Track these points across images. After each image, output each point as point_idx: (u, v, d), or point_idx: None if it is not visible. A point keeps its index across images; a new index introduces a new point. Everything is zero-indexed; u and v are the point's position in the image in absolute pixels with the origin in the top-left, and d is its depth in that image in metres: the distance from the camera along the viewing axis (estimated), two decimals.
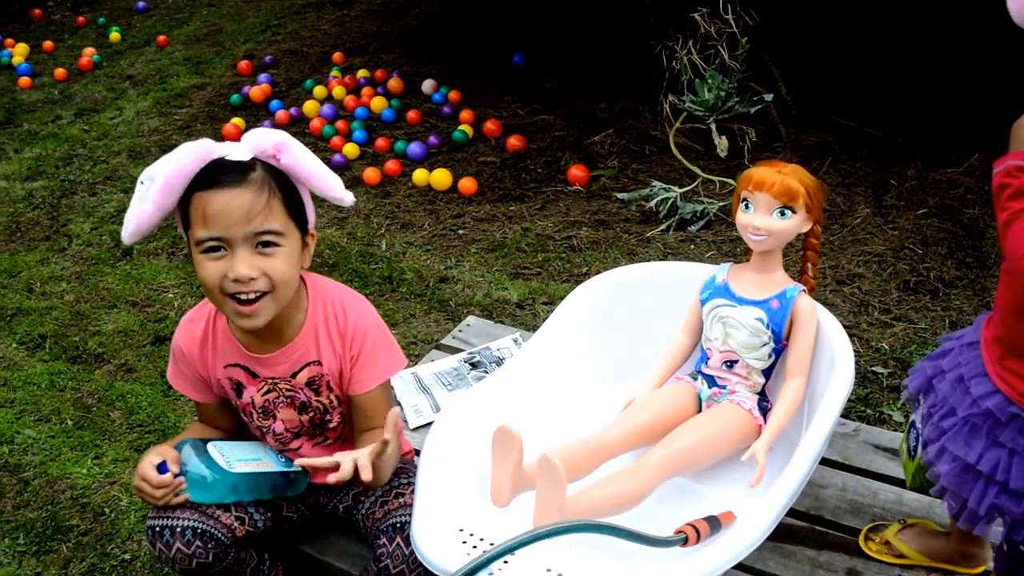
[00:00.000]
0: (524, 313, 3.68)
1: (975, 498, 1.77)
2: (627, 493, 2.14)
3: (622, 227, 4.28)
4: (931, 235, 3.98)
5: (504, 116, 5.47)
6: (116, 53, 7.24)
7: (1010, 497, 1.72)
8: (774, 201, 2.27)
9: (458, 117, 5.53)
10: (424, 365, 2.96)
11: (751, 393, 2.39)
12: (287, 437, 2.10)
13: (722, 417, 2.34)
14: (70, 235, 4.61)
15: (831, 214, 4.22)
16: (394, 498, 2.10)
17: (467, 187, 4.70)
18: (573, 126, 5.28)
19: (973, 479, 1.77)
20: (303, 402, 2.04)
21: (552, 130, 5.28)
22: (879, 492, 2.41)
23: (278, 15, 7.73)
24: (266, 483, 2.05)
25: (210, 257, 1.78)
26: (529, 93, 5.74)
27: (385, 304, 3.81)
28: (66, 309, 3.97)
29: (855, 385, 3.13)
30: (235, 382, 2.03)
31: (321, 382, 2.03)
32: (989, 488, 1.74)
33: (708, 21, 4.38)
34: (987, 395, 1.73)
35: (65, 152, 5.57)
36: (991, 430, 1.73)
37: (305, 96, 5.98)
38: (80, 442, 3.17)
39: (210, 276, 1.78)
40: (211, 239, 1.77)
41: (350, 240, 4.34)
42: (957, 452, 1.78)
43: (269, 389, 2.03)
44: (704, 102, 4.39)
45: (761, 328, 2.33)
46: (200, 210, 1.76)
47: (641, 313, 2.66)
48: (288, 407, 2.05)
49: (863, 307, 3.58)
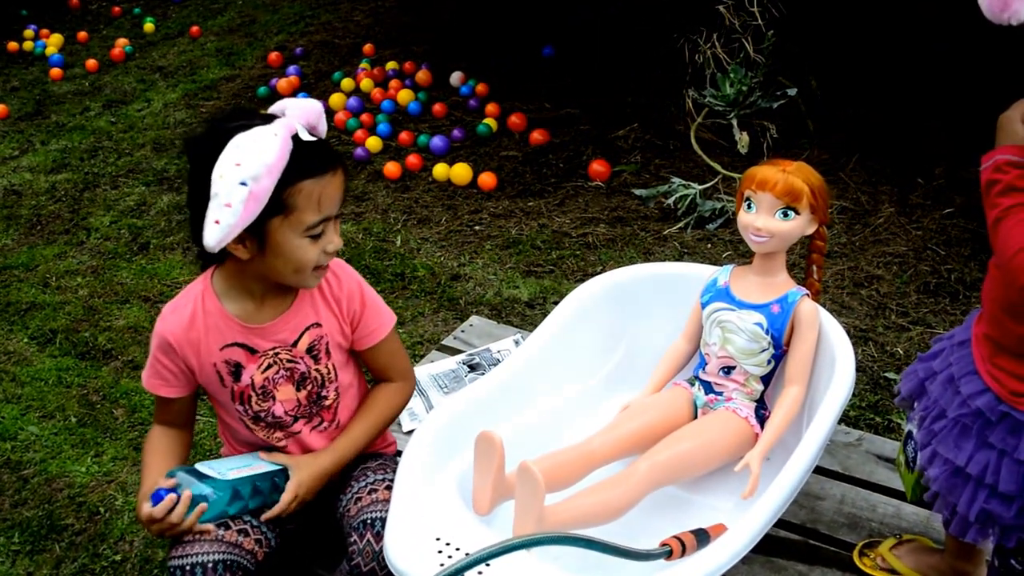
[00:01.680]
0: (534, 312, 3.63)
1: (965, 502, 1.73)
2: (611, 503, 2.09)
3: (640, 224, 4.22)
4: (955, 235, 3.88)
5: (530, 110, 5.41)
6: (149, 44, 7.25)
7: (1000, 501, 1.67)
8: (777, 201, 2.20)
9: (484, 110, 5.47)
10: (423, 367, 2.91)
11: (748, 400, 2.32)
12: (287, 421, 2.08)
13: (716, 425, 2.27)
14: (89, 228, 4.61)
15: (854, 213, 4.13)
16: (368, 494, 2.07)
17: (487, 182, 4.65)
18: (598, 120, 5.21)
19: (963, 483, 1.73)
20: (302, 373, 2.04)
21: (577, 124, 5.21)
22: (878, 505, 2.34)
23: (312, 5, 7.70)
24: (264, 485, 2.02)
25: (314, 239, 1.88)
26: (558, 86, 5.67)
27: (395, 302, 3.78)
28: (79, 304, 3.98)
29: (866, 392, 3.06)
30: (232, 364, 2.01)
31: (320, 345, 2.05)
32: (979, 492, 1.70)
33: (733, 14, 4.31)
34: (977, 394, 1.69)
35: (91, 144, 5.58)
36: (981, 431, 1.69)
37: (333, 88, 5.95)
38: (82, 439, 3.16)
39: (312, 257, 1.89)
40: (322, 221, 1.87)
41: (365, 236, 4.31)
42: (947, 455, 1.74)
43: (270, 364, 2.02)
44: (725, 97, 4.31)
45: (760, 333, 2.27)
46: (314, 196, 1.84)
47: (642, 315, 2.59)
48: (287, 383, 2.04)
49: (880, 310, 3.49)
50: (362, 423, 2.16)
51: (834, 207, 4.18)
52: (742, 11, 4.28)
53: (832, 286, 3.65)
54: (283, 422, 2.08)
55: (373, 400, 2.19)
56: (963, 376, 1.74)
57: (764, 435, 2.20)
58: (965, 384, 1.72)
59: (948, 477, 1.75)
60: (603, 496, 2.09)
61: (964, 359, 1.76)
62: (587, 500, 2.08)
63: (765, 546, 2.20)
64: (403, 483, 2.01)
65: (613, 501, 2.09)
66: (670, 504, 2.27)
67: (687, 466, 2.19)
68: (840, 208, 4.17)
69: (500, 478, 2.06)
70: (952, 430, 1.75)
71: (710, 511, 2.22)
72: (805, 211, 2.21)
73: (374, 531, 1.97)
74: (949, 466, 1.75)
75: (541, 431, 2.38)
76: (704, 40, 4.35)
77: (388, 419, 2.20)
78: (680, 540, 1.93)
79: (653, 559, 1.86)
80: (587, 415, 2.45)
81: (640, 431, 2.27)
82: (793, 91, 4.30)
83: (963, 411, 1.72)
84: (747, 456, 2.16)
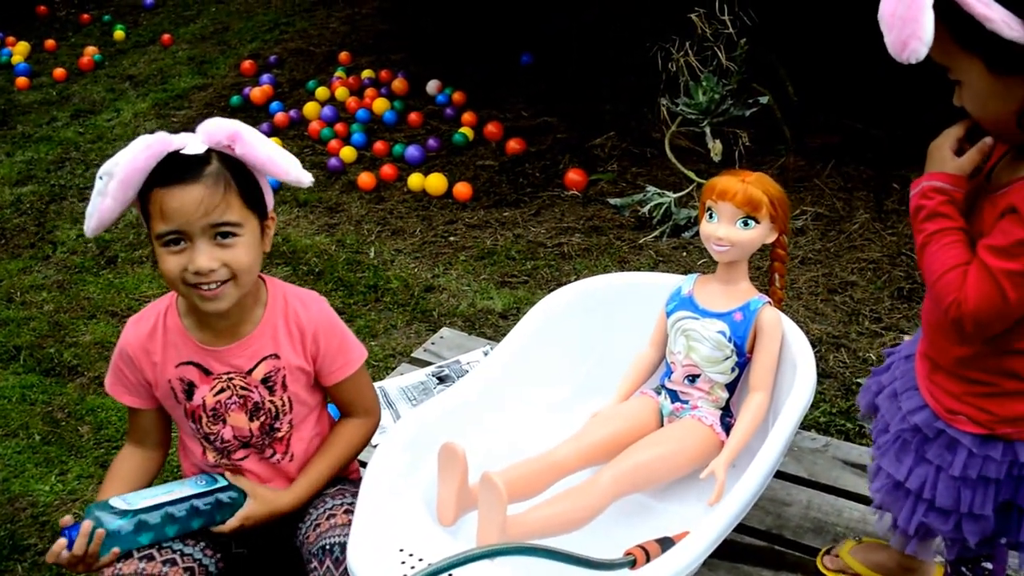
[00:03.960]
0: (507, 323, 3.60)
1: (904, 516, 1.77)
2: (575, 513, 2.09)
3: (615, 233, 4.20)
4: None
5: (507, 118, 5.39)
6: (119, 52, 7.17)
7: (937, 515, 1.71)
8: (737, 211, 2.22)
9: (460, 119, 5.45)
10: (392, 379, 2.89)
11: (714, 408, 2.32)
12: (233, 445, 2.05)
13: (680, 433, 2.27)
14: (55, 242, 4.55)
15: (829, 219, 4.13)
16: (326, 519, 2.04)
17: (462, 192, 4.63)
18: (575, 128, 5.20)
19: (903, 496, 1.77)
20: (256, 403, 2.01)
21: (554, 132, 5.20)
22: (844, 510, 2.34)
23: (287, 12, 7.65)
24: (185, 512, 1.96)
25: (170, 250, 1.83)
26: (535, 94, 5.66)
27: (367, 315, 3.75)
28: (44, 320, 3.92)
29: (837, 398, 3.05)
30: (186, 382, 2.00)
31: (277, 378, 2.02)
32: (918, 505, 1.74)
33: (705, 22, 4.30)
34: (916, 410, 1.74)
35: (58, 155, 5.51)
36: (919, 446, 1.73)
37: (307, 97, 5.90)
38: (46, 458, 3.11)
39: (171, 269, 1.84)
40: (170, 233, 1.82)
41: (339, 248, 4.28)
42: (888, 469, 1.78)
43: (223, 388, 2.00)
44: (698, 105, 4.31)
45: (723, 341, 2.27)
46: (158, 205, 1.81)
47: (610, 325, 2.59)
48: (239, 410, 2.01)
49: (854, 316, 3.48)
50: (321, 463, 2.12)
51: (809, 213, 4.18)
52: (714, 19, 4.27)
53: (806, 292, 3.64)
54: (231, 447, 2.05)
55: (334, 438, 2.16)
56: (905, 391, 1.78)
57: (729, 442, 2.20)
58: (906, 400, 1.77)
59: (889, 491, 1.80)
60: (566, 506, 2.09)
61: (908, 374, 1.80)
62: (551, 510, 2.08)
63: (731, 552, 2.20)
64: (367, 495, 2.00)
65: (577, 511, 2.08)
66: (637, 512, 2.27)
67: (651, 475, 2.20)
68: (815, 214, 4.17)
69: (464, 489, 2.05)
70: (894, 444, 1.79)
71: (676, 518, 2.21)
72: (765, 220, 2.23)
73: (333, 557, 1.94)
74: (890, 480, 1.79)
75: (509, 441, 2.37)
76: (677, 48, 4.35)
77: (348, 457, 2.16)
78: (644, 549, 1.92)
79: (617, 569, 1.84)
80: (556, 424, 2.43)
81: (606, 440, 2.26)
82: (765, 99, 4.30)
83: (903, 426, 1.76)
84: (712, 463, 2.17)
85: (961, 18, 1.39)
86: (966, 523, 1.70)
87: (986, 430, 1.65)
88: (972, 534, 1.70)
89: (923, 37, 1.40)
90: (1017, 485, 1.66)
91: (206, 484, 2.02)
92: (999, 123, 1.52)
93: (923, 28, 1.40)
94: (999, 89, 1.46)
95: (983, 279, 1.49)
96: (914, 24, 1.40)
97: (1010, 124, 1.48)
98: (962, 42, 1.45)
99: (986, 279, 1.49)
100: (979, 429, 1.65)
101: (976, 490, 1.67)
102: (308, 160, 5.12)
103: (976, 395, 1.65)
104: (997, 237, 1.49)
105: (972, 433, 1.66)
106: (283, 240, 4.36)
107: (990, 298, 1.49)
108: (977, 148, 1.59)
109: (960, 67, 1.49)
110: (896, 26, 1.43)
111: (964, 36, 1.43)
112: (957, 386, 1.67)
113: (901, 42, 1.43)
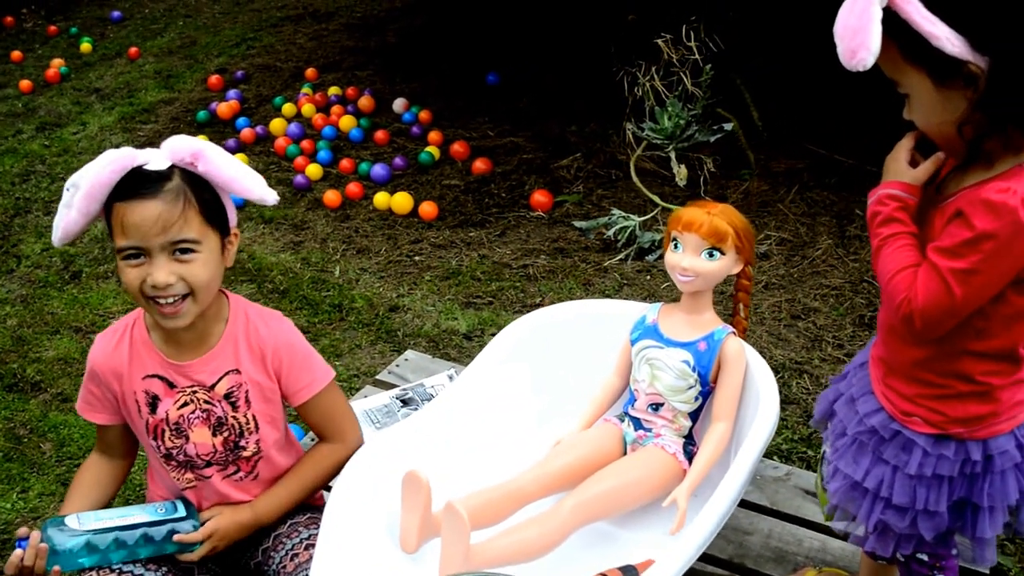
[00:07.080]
0: (471, 344, 3.61)
1: (863, 514, 1.84)
2: (536, 541, 2.09)
3: (580, 256, 4.22)
4: None
5: (473, 137, 5.41)
6: (86, 65, 7.13)
7: (895, 512, 1.79)
8: (702, 242, 2.24)
9: (427, 138, 5.45)
10: (356, 402, 2.88)
11: (677, 436, 2.33)
12: (199, 463, 2.05)
13: (643, 462, 2.29)
14: (19, 256, 4.51)
15: (792, 245, 4.17)
16: (304, 550, 2.04)
17: (428, 212, 4.63)
18: (542, 148, 5.22)
19: (861, 495, 1.83)
20: (219, 418, 2.02)
21: (520, 152, 5.21)
22: (804, 539, 2.36)
23: (255, 28, 7.65)
24: (135, 538, 1.95)
25: (130, 264, 1.86)
26: (502, 114, 5.67)
27: (332, 334, 3.74)
28: (7, 334, 3.89)
29: (799, 425, 3.07)
30: (151, 396, 2.01)
31: (240, 393, 2.03)
32: (876, 504, 1.81)
33: (671, 47, 4.34)
34: (872, 412, 1.81)
35: (23, 168, 5.47)
36: (876, 447, 1.81)
37: (274, 113, 5.89)
38: (7, 475, 3.08)
39: (130, 282, 1.87)
40: (130, 248, 1.85)
41: (303, 266, 4.28)
42: (846, 470, 1.85)
43: (187, 401, 2.01)
44: (663, 130, 4.34)
45: (687, 371, 2.28)
46: (119, 220, 1.84)
47: (576, 352, 2.60)
48: (203, 424, 2.02)
49: (816, 342, 3.52)
50: (286, 483, 2.12)
51: (773, 238, 4.21)
52: (680, 45, 4.31)
53: (769, 318, 3.67)
54: (194, 463, 2.05)
55: (302, 462, 2.17)
56: (861, 396, 1.86)
57: (692, 471, 2.21)
58: (862, 404, 1.84)
59: (847, 491, 1.85)
60: (530, 534, 2.10)
61: (863, 380, 1.88)
62: (513, 538, 2.08)
63: None
64: (330, 521, 2.00)
65: (539, 539, 2.09)
66: (600, 539, 2.28)
67: (614, 503, 2.20)
68: (779, 240, 4.21)
69: (427, 516, 2.06)
70: (851, 446, 1.85)
71: (640, 546, 2.22)
72: (730, 251, 2.26)
73: None
74: (848, 480, 1.85)
75: (473, 468, 2.36)
76: (643, 73, 4.38)
77: (316, 481, 2.16)
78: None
79: None
80: (520, 452, 2.44)
81: (569, 468, 2.27)
82: (730, 126, 4.34)
83: (860, 429, 1.83)
84: (675, 492, 2.17)
85: (909, 34, 1.51)
86: (922, 519, 1.77)
87: (939, 430, 1.73)
88: (927, 530, 1.77)
89: (871, 47, 1.51)
90: (970, 482, 1.74)
91: (164, 513, 2.02)
92: (943, 134, 1.62)
93: (871, 39, 1.50)
94: (942, 101, 1.56)
95: (931, 277, 1.58)
96: (863, 34, 1.51)
97: (952, 134, 1.59)
98: (910, 56, 1.56)
99: (934, 277, 1.58)
100: (932, 429, 1.73)
101: (931, 488, 1.75)
102: (274, 177, 5.11)
103: (929, 397, 1.73)
104: (945, 239, 1.59)
105: (926, 433, 1.74)
106: (248, 257, 4.34)
107: (937, 295, 1.57)
108: (932, 160, 1.68)
109: (908, 80, 1.60)
110: (847, 36, 1.53)
111: (911, 50, 1.55)
112: (911, 388, 1.75)
113: (851, 51, 1.53)
